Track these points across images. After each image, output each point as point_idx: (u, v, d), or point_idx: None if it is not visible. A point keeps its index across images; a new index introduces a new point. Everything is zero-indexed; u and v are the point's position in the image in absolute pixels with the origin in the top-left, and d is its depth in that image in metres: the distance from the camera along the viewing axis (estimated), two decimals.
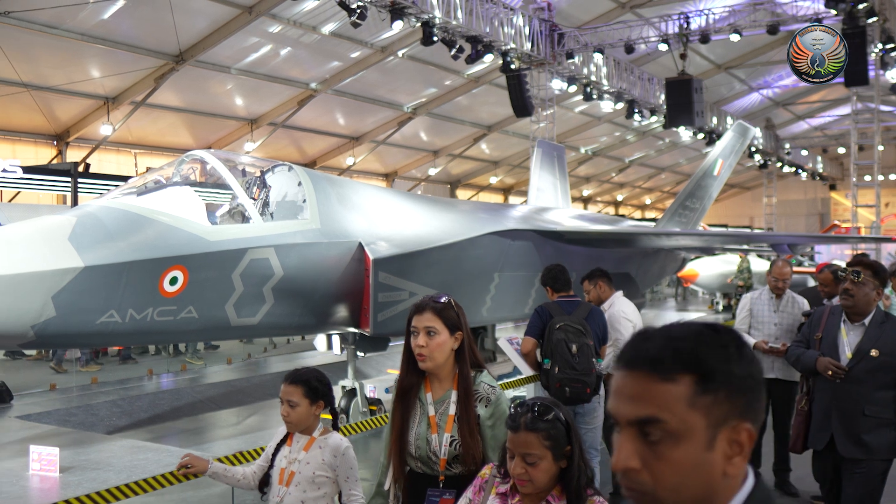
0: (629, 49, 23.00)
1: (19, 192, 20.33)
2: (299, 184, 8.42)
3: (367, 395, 10.06)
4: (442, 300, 3.46)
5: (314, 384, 3.90)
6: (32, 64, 19.05)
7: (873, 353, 4.99)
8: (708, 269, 24.81)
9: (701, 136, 31.08)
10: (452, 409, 3.40)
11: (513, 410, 2.83)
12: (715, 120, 32.32)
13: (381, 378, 12.70)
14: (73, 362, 14.31)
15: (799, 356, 5.43)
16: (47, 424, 10.19)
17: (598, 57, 24.04)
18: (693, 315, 26.02)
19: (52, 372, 14.01)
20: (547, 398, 2.83)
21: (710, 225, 34.91)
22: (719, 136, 26.10)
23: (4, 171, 17.37)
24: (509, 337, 6.94)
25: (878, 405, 5.01)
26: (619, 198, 51.11)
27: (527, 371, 6.58)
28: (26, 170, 18.07)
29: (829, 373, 5.10)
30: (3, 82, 19.09)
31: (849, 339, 5.14)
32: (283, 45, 22.03)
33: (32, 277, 6.01)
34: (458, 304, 3.58)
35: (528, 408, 2.82)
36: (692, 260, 23.79)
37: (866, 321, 5.11)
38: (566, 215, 14.69)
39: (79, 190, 17.68)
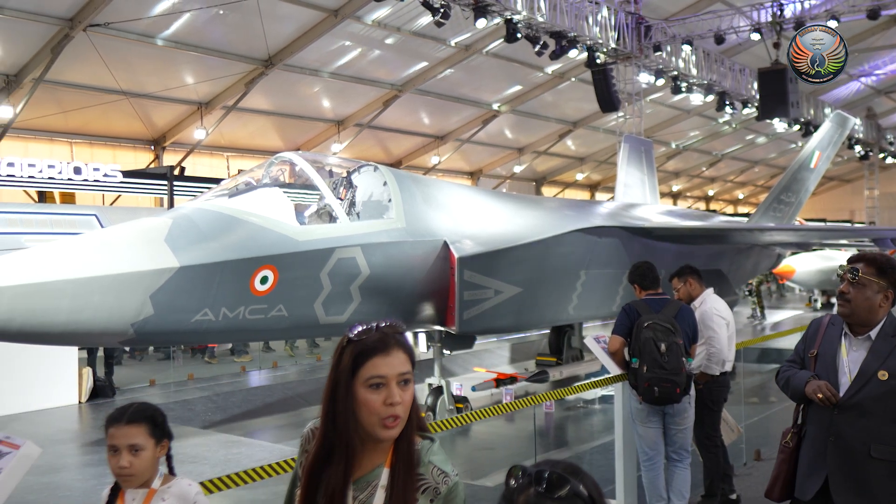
0: (719, 40, 22.35)
1: (120, 196, 21.20)
2: (385, 183, 8.49)
3: (454, 393, 10.08)
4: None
5: (159, 419, 3.02)
6: (130, 72, 19.84)
7: (881, 375, 3.74)
8: (805, 266, 23.91)
9: (796, 127, 30.00)
10: (379, 499, 2.23)
11: (510, 482, 1.80)
12: (811, 110, 31.11)
13: (467, 376, 12.71)
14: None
15: (788, 379, 4.14)
16: None
17: (686, 49, 23.47)
18: (790, 313, 25.16)
19: (150, 370, 14.56)
20: (563, 462, 1.85)
21: (807, 219, 33.66)
22: (816, 127, 25.10)
23: (106, 175, 18.16)
24: (596, 335, 6.82)
25: (890, 444, 3.73)
26: (711, 193, 49.79)
27: (614, 370, 6.47)
28: (126, 174, 18.85)
29: (820, 396, 3.84)
30: (104, 91, 19.96)
31: (850, 358, 3.88)
32: (368, 47, 22.32)
33: (132, 277, 6.23)
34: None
35: (530, 479, 1.77)
36: (788, 256, 22.98)
37: (873, 334, 3.85)
38: (655, 211, 14.38)
39: (174, 192, 18.33)
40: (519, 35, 18.01)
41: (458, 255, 8.24)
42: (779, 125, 30.92)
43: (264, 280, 6.96)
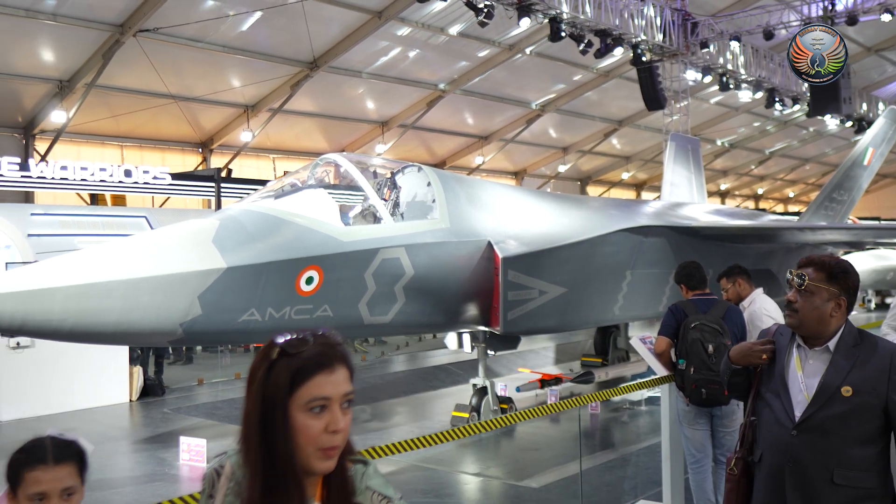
0: (768, 35, 21.92)
1: (169, 198, 21.58)
2: (428, 184, 8.51)
3: (498, 394, 10.06)
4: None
5: (84, 454, 2.44)
6: (179, 76, 20.18)
7: (845, 391, 3.25)
8: (858, 265, 23.12)
9: (849, 123, 29.32)
10: None
11: None
12: (865, 106, 30.38)
13: (511, 376, 12.68)
14: None
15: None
16: (195, 417, 10.76)
17: (734, 45, 23.09)
18: None
19: (197, 367, 14.78)
20: None
21: (861, 218, 32.88)
22: (870, 124, 24.52)
23: (155, 178, 18.51)
24: (642, 336, 6.74)
25: (855, 469, 3.27)
26: (760, 191, 48.92)
27: (661, 371, 6.38)
28: (175, 176, 19.19)
29: (765, 357, 3.49)
30: (153, 95, 20.33)
31: (806, 373, 3.39)
32: (411, 48, 22.39)
33: (180, 278, 6.34)
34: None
35: None
36: (841, 255, 22.49)
37: (831, 345, 3.37)
38: (702, 210, 14.19)
39: (222, 194, 18.59)
40: (563, 34, 17.91)
41: (502, 255, 8.22)
42: (830, 122, 30.26)
43: (310, 280, 7.02)
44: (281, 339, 1.84)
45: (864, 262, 23.28)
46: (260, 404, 1.81)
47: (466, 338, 9.53)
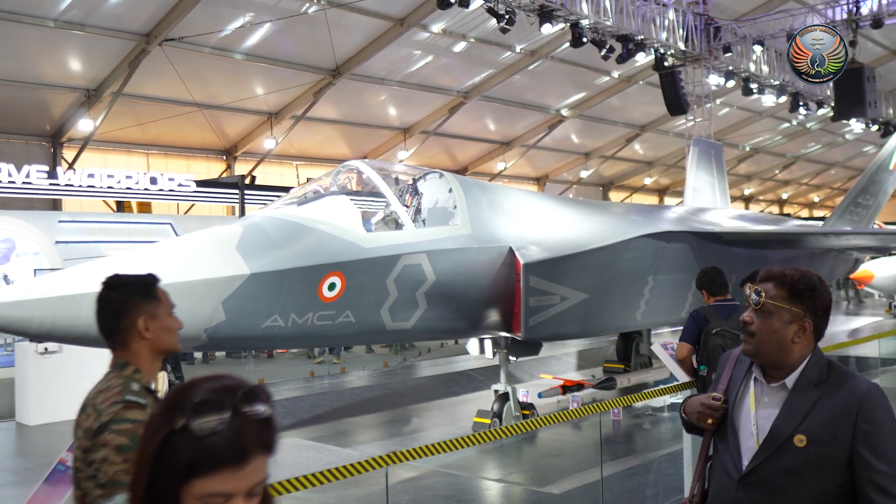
0: (788, 44, 21.78)
1: (193, 205, 21.80)
2: (450, 190, 8.55)
3: (520, 399, 10.06)
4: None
5: None
6: (203, 85, 20.40)
7: (798, 440, 2.65)
8: (885, 271, 23.09)
9: (875, 127, 28.99)
10: None
11: None
12: (890, 110, 30.03)
13: (533, 382, 12.68)
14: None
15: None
16: None
17: (757, 49, 22.93)
18: (869, 320, 24.33)
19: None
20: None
21: (887, 223, 32.50)
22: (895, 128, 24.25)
23: (180, 185, 18.72)
24: (664, 342, 6.73)
25: None
26: (784, 196, 48.51)
27: (682, 377, 6.37)
28: (199, 183, 19.41)
29: (710, 421, 2.88)
30: (178, 103, 20.57)
31: (760, 413, 2.79)
32: (433, 55, 22.47)
33: (205, 284, 6.42)
34: None
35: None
36: (867, 261, 22.23)
37: (789, 381, 2.75)
38: (725, 216, 14.11)
39: (245, 201, 18.75)
40: (585, 39, 17.89)
41: (523, 261, 8.24)
42: (856, 126, 29.94)
43: (332, 287, 7.08)
44: (192, 402, 1.43)
45: (891, 268, 23.02)
46: (146, 480, 1.45)
47: (488, 344, 9.55)
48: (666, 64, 21.06)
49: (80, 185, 17.50)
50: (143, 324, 2.75)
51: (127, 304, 2.76)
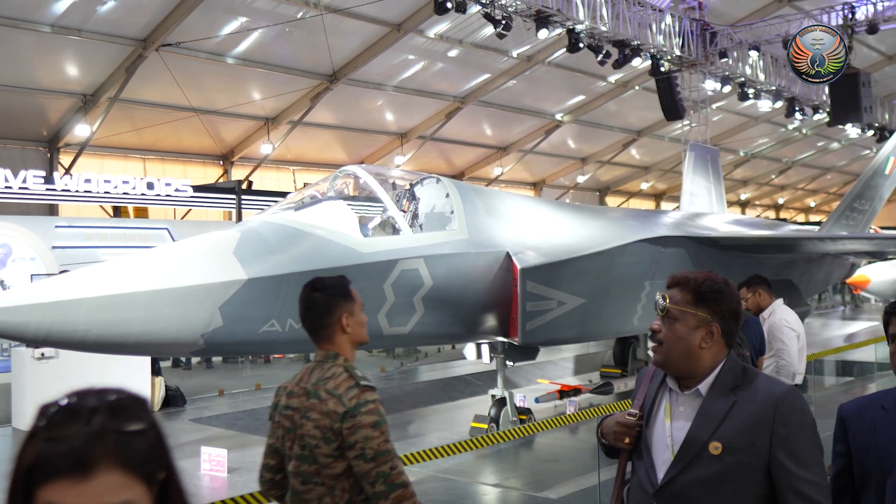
0: (788, 44, 21.86)
1: (190, 210, 21.78)
2: (447, 195, 8.56)
3: (517, 404, 10.06)
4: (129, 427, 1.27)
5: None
6: (200, 90, 20.40)
7: (713, 447, 2.51)
8: (881, 275, 23.13)
9: (870, 133, 29.09)
10: None
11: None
12: (886, 115, 30.16)
13: (530, 387, 12.67)
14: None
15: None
16: (216, 427, 10.84)
17: (753, 54, 23.02)
18: (865, 325, 24.37)
19: (218, 378, 14.89)
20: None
21: (884, 227, 32.58)
22: (891, 133, 24.31)
23: (177, 190, 18.70)
24: None
25: None
26: (780, 201, 48.60)
27: None
28: (196, 189, 19.39)
29: (627, 441, 2.72)
30: (175, 108, 20.57)
31: (675, 424, 2.65)
32: (430, 60, 22.51)
33: (202, 289, 6.42)
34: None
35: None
36: (863, 266, 22.27)
37: (703, 388, 2.62)
38: (721, 220, 14.14)
39: (242, 206, 18.74)
40: (581, 45, 17.94)
41: (520, 266, 8.25)
42: (851, 131, 30.04)
43: None
44: (52, 409, 1.28)
45: (887, 273, 23.06)
46: (9, 483, 1.29)
47: (485, 348, 9.55)
48: (662, 69, 21.13)
49: (77, 190, 17.48)
50: (345, 320, 3.23)
51: (331, 304, 3.25)
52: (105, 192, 17.84)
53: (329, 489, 3.04)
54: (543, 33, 17.39)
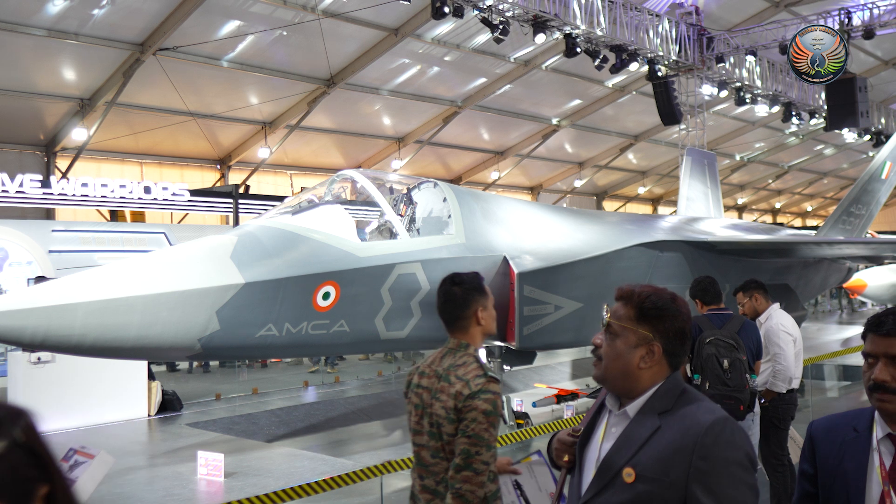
0: (784, 49, 21.86)
1: (187, 214, 21.77)
2: (444, 199, 8.57)
3: (514, 409, 10.05)
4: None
5: None
6: (198, 94, 20.41)
7: (626, 474, 2.35)
8: (877, 280, 23.17)
9: (867, 137, 29.17)
10: None
11: None
12: (882, 120, 30.23)
13: (527, 392, 12.65)
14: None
15: None
16: (213, 432, 10.81)
17: (750, 59, 23.07)
18: (860, 329, 24.33)
19: (214, 382, 14.87)
20: None
21: (880, 232, 32.64)
22: (888, 137, 24.38)
23: (174, 194, 18.69)
24: None
25: None
26: (777, 205, 48.69)
27: None
28: (193, 193, 19.39)
29: (566, 458, 2.67)
30: (172, 112, 20.58)
31: (604, 446, 2.51)
32: (427, 65, 22.54)
33: (199, 294, 6.41)
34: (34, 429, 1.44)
35: None
36: (860, 270, 22.32)
37: (631, 408, 2.46)
38: (718, 225, 14.16)
39: (240, 210, 18.73)
40: (578, 49, 17.98)
41: (517, 270, 8.25)
42: (848, 135, 30.13)
43: (326, 296, 7.08)
44: None
45: (884, 277, 23.11)
46: None
47: (482, 353, 9.55)
48: (659, 74, 21.18)
49: (74, 194, 17.47)
50: (480, 313, 3.54)
51: (468, 298, 3.53)
52: (102, 196, 17.83)
53: None
54: (541, 38, 17.41)
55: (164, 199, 18.60)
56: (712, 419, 2.30)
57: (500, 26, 16.36)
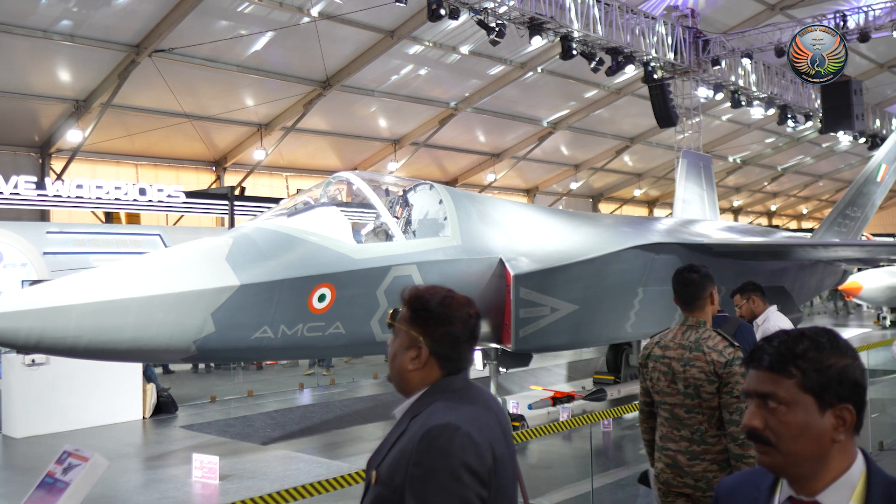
0: (780, 52, 21.91)
1: (183, 216, 21.73)
2: (440, 202, 8.55)
3: (510, 411, 10.04)
4: None
5: None
6: (193, 96, 20.38)
7: (374, 476, 2.34)
8: (873, 282, 23.21)
9: (862, 140, 29.24)
10: None
11: None
12: (878, 122, 30.30)
13: (523, 394, 12.65)
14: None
15: None
16: (208, 434, 10.78)
17: (746, 62, 23.11)
18: (858, 331, 24.43)
19: (212, 384, 14.84)
20: None
21: (875, 234, 32.71)
22: (883, 140, 24.44)
23: (169, 196, 18.65)
24: None
25: None
26: (773, 208, 48.79)
27: None
28: (188, 195, 19.35)
29: None
30: (168, 114, 20.54)
31: None
32: (424, 67, 22.54)
33: (194, 295, 6.39)
34: None
35: None
36: (855, 273, 22.35)
37: (398, 411, 2.48)
38: (714, 227, 14.17)
39: (235, 212, 18.70)
40: (574, 52, 17.98)
41: (513, 272, 8.24)
42: (843, 138, 30.20)
43: (322, 298, 7.06)
44: None
45: (879, 279, 23.15)
46: None
47: (478, 355, 9.53)
48: (655, 76, 21.19)
49: (69, 196, 17.43)
50: (713, 296, 4.31)
51: (705, 282, 4.29)
52: (97, 198, 17.79)
53: (707, 417, 4.07)
54: (537, 40, 17.43)
55: (159, 201, 18.56)
56: (433, 424, 2.22)
57: (497, 29, 16.36)
